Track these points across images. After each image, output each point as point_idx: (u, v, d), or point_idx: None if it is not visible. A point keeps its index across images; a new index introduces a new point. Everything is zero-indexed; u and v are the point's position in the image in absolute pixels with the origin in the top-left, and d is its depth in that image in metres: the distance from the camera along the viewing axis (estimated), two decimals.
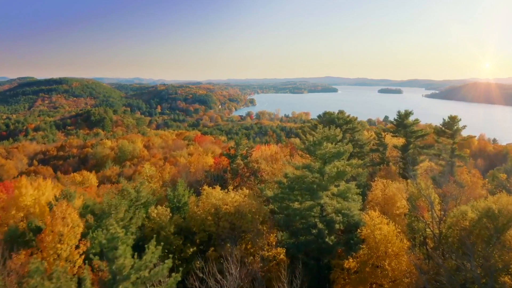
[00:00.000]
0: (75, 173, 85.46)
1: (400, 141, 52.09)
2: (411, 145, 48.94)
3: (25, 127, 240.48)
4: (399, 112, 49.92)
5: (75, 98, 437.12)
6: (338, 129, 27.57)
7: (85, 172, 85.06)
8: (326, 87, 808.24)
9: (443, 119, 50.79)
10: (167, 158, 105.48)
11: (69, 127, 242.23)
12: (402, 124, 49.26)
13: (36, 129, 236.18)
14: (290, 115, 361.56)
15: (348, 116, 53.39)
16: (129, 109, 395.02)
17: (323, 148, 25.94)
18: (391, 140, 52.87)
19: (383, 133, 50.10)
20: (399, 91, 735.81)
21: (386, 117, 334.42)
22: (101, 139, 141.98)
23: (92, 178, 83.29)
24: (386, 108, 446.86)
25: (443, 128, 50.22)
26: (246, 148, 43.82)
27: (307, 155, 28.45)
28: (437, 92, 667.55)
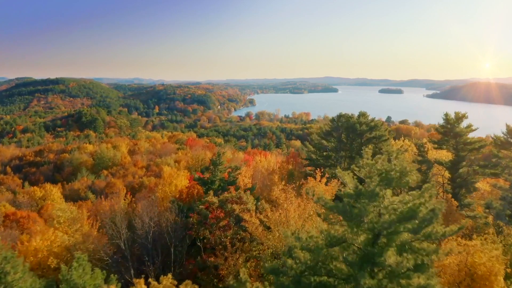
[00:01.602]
0: (35, 187, 70.73)
1: (444, 154, 37.23)
2: (464, 162, 34.05)
3: (13, 129, 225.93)
4: (446, 115, 34.83)
5: (71, 99, 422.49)
6: (413, 165, 12.61)
7: (48, 185, 70.10)
8: (326, 87, 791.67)
9: (507, 125, 35.79)
10: (150, 166, 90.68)
11: (59, 129, 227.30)
12: (452, 131, 34.30)
13: (24, 131, 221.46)
14: (290, 116, 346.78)
15: (373, 120, 38.50)
16: (126, 109, 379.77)
17: (377, 204, 10.99)
18: (430, 153, 37.92)
19: (426, 145, 34.99)
20: (399, 91, 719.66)
21: (388, 118, 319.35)
22: (84, 143, 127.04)
23: (55, 193, 68.25)
24: (387, 108, 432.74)
25: (507, 138, 35.22)
26: (229, 168, 28.93)
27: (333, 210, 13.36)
28: (438, 92, 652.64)
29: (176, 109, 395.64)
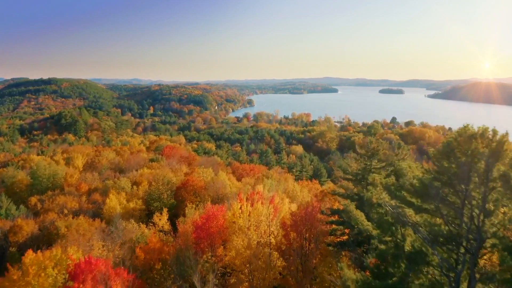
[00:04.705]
0: None
1: None
2: None
3: None
4: None
5: (63, 99, 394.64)
6: None
7: None
8: (326, 87, 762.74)
9: None
10: (95, 190, 62.78)
11: (35, 132, 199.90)
12: None
13: None
14: (290, 117, 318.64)
15: None
16: (119, 110, 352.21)
17: None
18: None
19: None
20: (400, 91, 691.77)
21: (393, 119, 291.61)
22: (35, 154, 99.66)
23: None
24: (388, 108, 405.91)
25: None
26: None
27: None
28: (439, 92, 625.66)
29: (171, 109, 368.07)
